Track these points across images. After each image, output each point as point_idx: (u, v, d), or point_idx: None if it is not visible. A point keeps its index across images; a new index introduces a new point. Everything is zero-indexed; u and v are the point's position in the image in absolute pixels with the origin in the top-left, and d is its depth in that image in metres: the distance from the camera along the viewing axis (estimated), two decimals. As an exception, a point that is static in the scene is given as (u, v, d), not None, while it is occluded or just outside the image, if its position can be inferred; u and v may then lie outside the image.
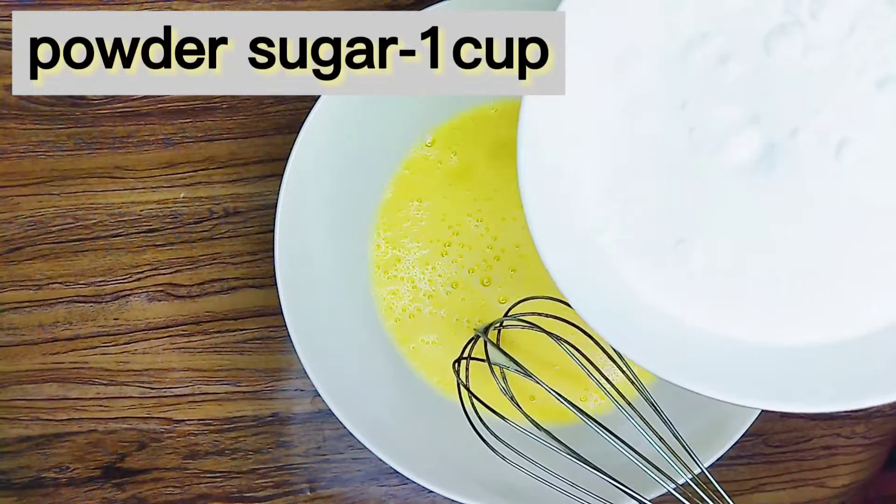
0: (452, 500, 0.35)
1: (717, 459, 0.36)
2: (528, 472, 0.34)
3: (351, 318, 0.38)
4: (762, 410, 0.36)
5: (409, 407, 0.38)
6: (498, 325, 0.37)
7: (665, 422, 0.34)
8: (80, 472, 0.40)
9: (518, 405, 0.35)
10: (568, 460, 0.34)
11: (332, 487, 0.40)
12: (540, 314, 0.35)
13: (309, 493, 0.40)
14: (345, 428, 0.35)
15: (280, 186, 0.36)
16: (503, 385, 0.35)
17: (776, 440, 0.41)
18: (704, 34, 0.28)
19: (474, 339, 0.36)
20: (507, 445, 0.35)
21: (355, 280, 0.39)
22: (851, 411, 0.41)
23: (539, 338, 0.35)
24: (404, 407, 0.38)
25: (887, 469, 0.42)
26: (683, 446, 0.34)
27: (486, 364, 0.35)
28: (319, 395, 0.35)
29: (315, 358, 0.35)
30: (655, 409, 0.34)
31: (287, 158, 0.36)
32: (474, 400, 0.35)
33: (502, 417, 0.34)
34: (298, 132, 0.36)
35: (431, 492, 0.35)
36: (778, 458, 0.41)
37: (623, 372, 0.34)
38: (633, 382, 0.34)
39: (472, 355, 0.36)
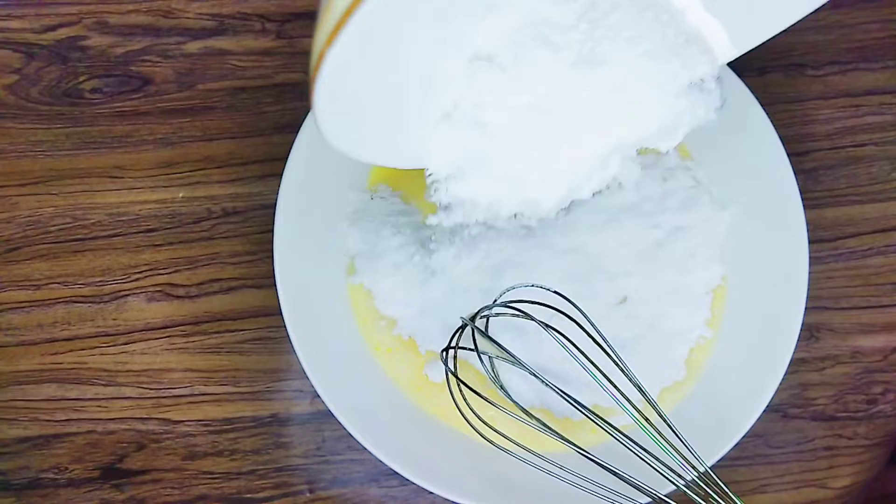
0: (452, 501, 0.35)
1: (718, 460, 0.35)
2: (521, 458, 0.34)
3: (350, 320, 0.38)
4: (762, 412, 0.36)
5: (408, 408, 0.38)
6: (487, 312, 0.36)
7: (661, 415, 0.33)
8: (79, 472, 0.40)
9: (508, 394, 0.34)
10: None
11: (331, 489, 0.40)
12: (529, 301, 0.34)
13: (308, 495, 0.40)
14: (344, 429, 0.35)
15: (279, 186, 0.36)
16: (492, 374, 0.35)
17: (777, 441, 0.41)
18: None
19: (462, 328, 0.36)
20: (500, 433, 0.35)
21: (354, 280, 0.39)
22: (852, 411, 0.41)
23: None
24: (403, 408, 0.38)
25: (891, 466, 0.42)
26: (683, 442, 0.33)
27: (476, 354, 0.34)
28: (319, 395, 0.35)
29: (314, 358, 0.35)
30: (653, 406, 0.33)
31: (286, 158, 0.36)
32: (463, 388, 0.35)
33: (492, 403, 0.34)
34: (297, 132, 0.36)
35: (431, 493, 0.35)
36: (779, 459, 0.41)
37: (618, 366, 0.34)
38: (627, 376, 0.34)
39: (461, 345, 0.36)
